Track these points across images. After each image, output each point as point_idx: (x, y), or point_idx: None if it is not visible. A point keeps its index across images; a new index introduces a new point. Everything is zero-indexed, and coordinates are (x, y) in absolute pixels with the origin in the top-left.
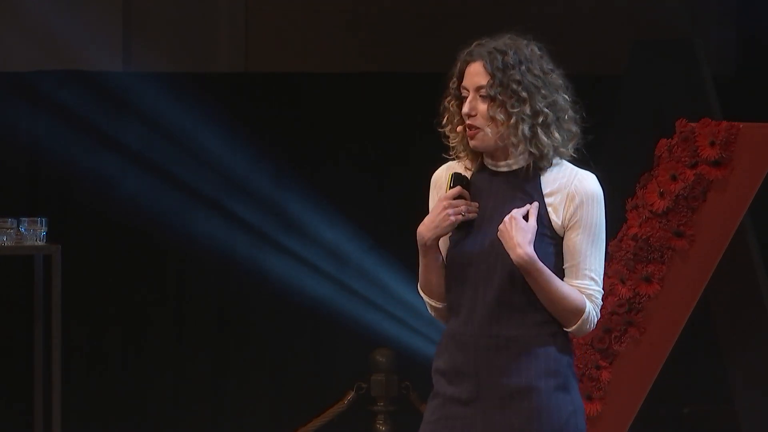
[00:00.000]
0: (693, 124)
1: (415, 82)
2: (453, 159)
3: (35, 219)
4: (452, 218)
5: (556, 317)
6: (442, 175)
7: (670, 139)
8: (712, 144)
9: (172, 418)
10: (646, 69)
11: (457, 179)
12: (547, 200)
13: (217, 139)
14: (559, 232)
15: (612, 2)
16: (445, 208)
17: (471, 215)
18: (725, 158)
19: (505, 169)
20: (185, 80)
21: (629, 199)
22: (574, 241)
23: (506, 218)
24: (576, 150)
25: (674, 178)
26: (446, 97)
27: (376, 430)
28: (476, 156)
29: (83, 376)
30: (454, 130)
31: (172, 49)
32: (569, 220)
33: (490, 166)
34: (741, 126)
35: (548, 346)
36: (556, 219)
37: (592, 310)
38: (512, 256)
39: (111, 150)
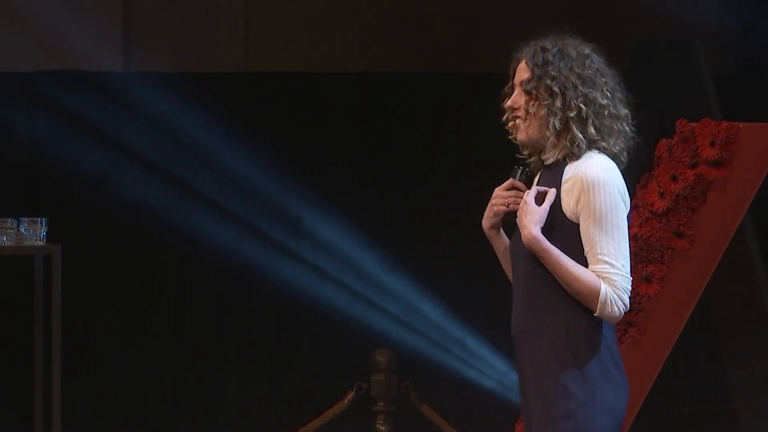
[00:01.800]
0: (693, 124)
1: (416, 82)
2: (525, 157)
3: (35, 219)
4: (495, 209)
5: (579, 300)
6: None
7: (670, 139)
8: (712, 144)
9: (172, 418)
10: (646, 69)
11: (515, 171)
12: (562, 187)
13: (217, 139)
14: (571, 217)
15: (612, 2)
16: (495, 198)
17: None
18: (725, 158)
19: (548, 162)
20: (185, 80)
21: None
22: (583, 228)
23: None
24: (627, 149)
25: (674, 178)
26: (503, 97)
27: (376, 430)
28: (533, 150)
29: (83, 376)
30: (509, 125)
31: (172, 49)
32: (577, 207)
33: (542, 159)
34: (741, 126)
35: (564, 336)
36: (565, 204)
37: (610, 292)
38: (522, 237)
39: (111, 150)
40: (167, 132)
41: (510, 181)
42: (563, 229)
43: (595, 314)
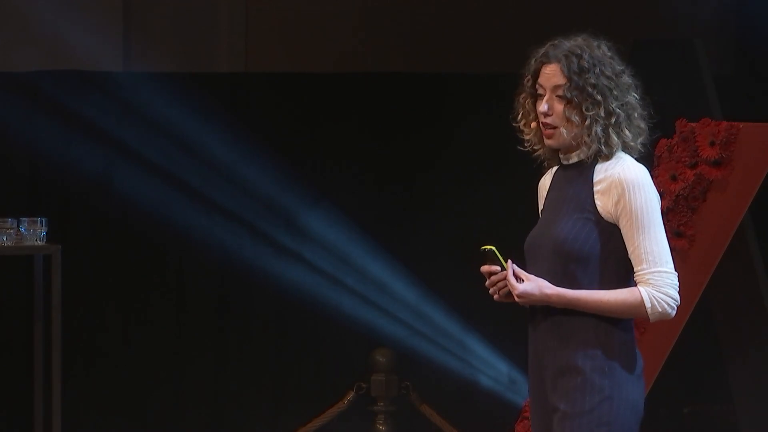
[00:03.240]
0: (693, 124)
1: (416, 82)
2: (529, 152)
3: (35, 219)
4: (496, 297)
5: (632, 318)
6: (545, 183)
7: (670, 139)
8: (712, 144)
9: (173, 417)
10: (645, 68)
11: (484, 257)
12: (595, 188)
13: (217, 139)
14: (607, 217)
15: (612, 2)
16: (490, 287)
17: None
18: (725, 158)
19: (568, 162)
20: (185, 80)
21: None
22: (625, 230)
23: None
24: (642, 145)
25: (674, 178)
26: (520, 94)
27: (376, 430)
28: (553, 150)
29: (83, 376)
30: (528, 125)
31: (172, 49)
32: (615, 209)
33: (562, 160)
34: (741, 126)
35: (589, 330)
36: (601, 204)
37: (655, 294)
38: (542, 301)
39: (111, 150)
40: (167, 132)
41: (485, 269)
42: (602, 231)
43: (651, 321)
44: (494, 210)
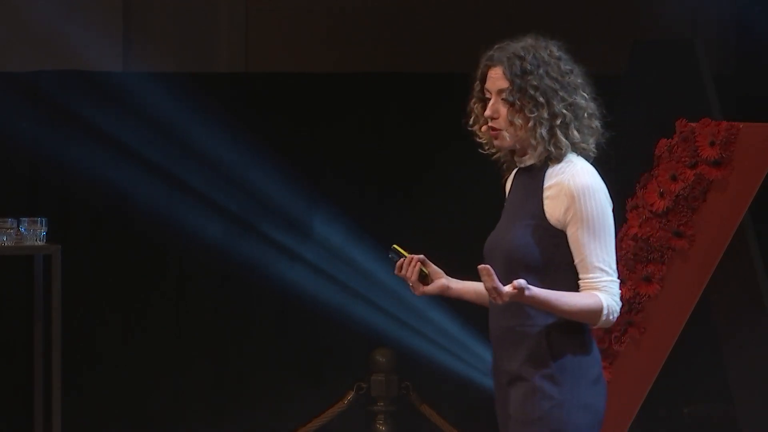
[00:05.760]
0: (693, 124)
1: (416, 82)
2: (489, 155)
3: (35, 219)
4: (413, 285)
5: (581, 322)
6: (508, 184)
7: (670, 139)
8: (712, 144)
9: (172, 417)
10: (646, 69)
11: (393, 258)
12: (545, 193)
13: (217, 139)
14: (555, 224)
15: (612, 2)
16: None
17: (415, 273)
18: (725, 158)
19: (523, 165)
20: (185, 80)
21: (629, 199)
22: (575, 237)
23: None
24: (597, 145)
25: (674, 178)
26: (471, 99)
27: (376, 430)
28: (510, 153)
29: (83, 376)
30: (480, 129)
31: (172, 49)
32: (566, 215)
33: (518, 163)
34: (741, 126)
35: (539, 337)
36: (550, 211)
37: (610, 302)
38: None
39: (111, 150)
40: (167, 132)
41: (398, 264)
42: (552, 238)
43: (594, 327)
44: (494, 210)
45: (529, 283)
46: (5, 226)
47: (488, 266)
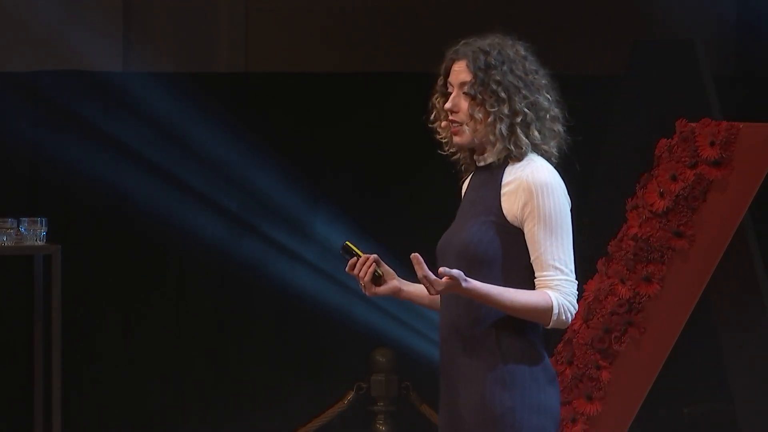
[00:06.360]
0: (693, 124)
1: (416, 82)
2: (449, 155)
3: (35, 219)
4: (367, 286)
5: (531, 321)
6: (464, 186)
7: (670, 139)
8: (712, 144)
9: (172, 417)
10: (646, 69)
11: (345, 256)
12: (503, 189)
13: (217, 139)
14: (512, 220)
15: (612, 2)
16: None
17: (369, 274)
18: (725, 158)
19: (483, 163)
20: (185, 80)
21: (629, 199)
22: (531, 233)
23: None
24: (559, 149)
25: (674, 178)
26: (434, 94)
27: (376, 430)
28: (470, 154)
29: (83, 376)
30: (440, 125)
31: (172, 49)
32: (522, 212)
33: (477, 162)
34: (741, 126)
35: (491, 340)
36: (508, 208)
37: (562, 301)
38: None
39: (111, 150)
40: (167, 132)
41: (350, 263)
42: (506, 235)
43: (547, 327)
44: None
45: (479, 279)
46: (5, 226)
47: (417, 254)
